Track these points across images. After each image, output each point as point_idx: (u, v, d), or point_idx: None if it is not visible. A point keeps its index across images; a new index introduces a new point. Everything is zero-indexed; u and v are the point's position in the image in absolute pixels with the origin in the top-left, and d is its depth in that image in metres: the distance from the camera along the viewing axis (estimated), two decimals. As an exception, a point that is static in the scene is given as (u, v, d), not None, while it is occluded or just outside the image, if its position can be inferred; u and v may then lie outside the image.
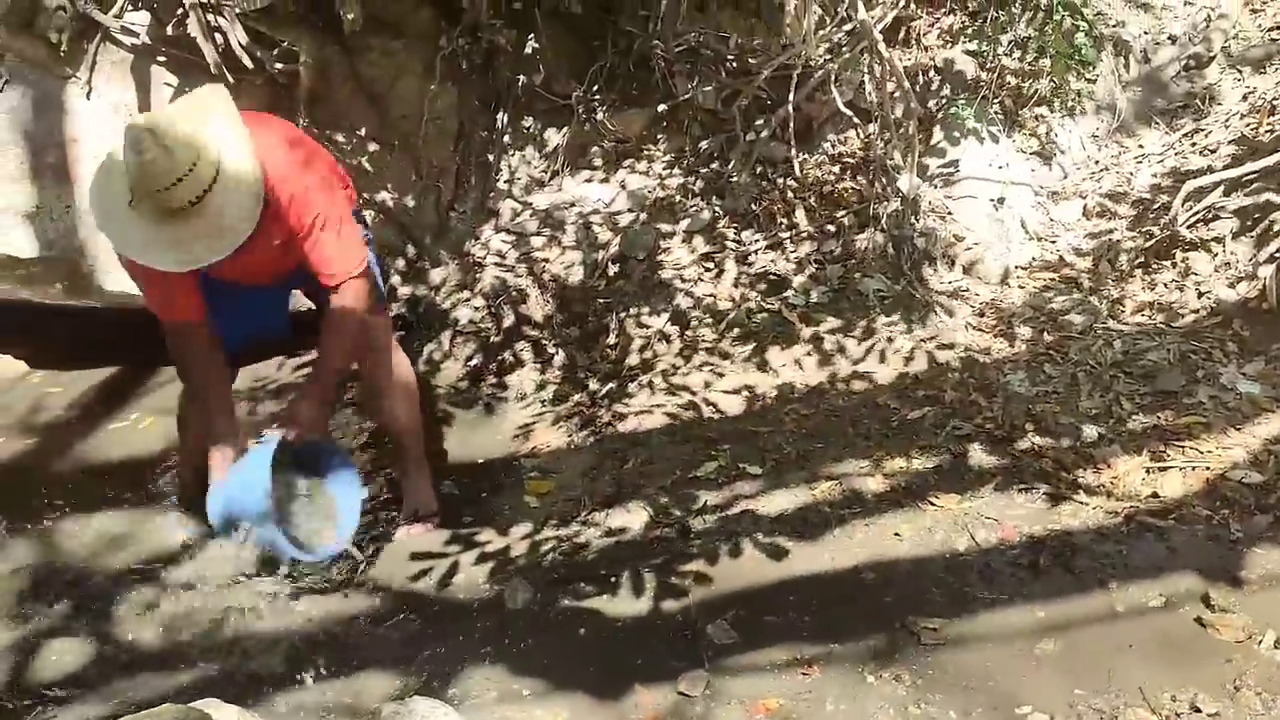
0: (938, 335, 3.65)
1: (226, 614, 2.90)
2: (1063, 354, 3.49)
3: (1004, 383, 3.40)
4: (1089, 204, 4.16)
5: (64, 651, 2.80)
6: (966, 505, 2.94)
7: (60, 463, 3.84)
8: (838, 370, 3.58)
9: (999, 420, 3.25)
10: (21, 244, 3.95)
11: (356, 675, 2.63)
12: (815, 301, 3.85)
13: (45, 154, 4.02)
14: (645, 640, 2.60)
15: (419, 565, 3.03)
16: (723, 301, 3.94)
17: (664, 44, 4.55)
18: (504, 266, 4.37)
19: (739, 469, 3.23)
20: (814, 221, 4.15)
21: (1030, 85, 4.31)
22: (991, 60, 4.33)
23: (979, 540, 2.81)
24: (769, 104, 4.48)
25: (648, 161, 4.63)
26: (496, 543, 3.09)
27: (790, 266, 4.00)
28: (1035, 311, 3.71)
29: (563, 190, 4.64)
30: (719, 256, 4.11)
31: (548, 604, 2.78)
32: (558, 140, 4.72)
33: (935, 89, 4.44)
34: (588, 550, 3.00)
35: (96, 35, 4.10)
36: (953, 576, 2.70)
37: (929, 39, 4.54)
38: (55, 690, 2.66)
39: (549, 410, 3.85)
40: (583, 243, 4.36)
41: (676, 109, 4.61)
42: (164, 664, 2.72)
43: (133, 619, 2.91)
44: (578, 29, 4.79)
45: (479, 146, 4.74)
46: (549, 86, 4.72)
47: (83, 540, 3.28)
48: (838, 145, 4.41)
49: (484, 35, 4.58)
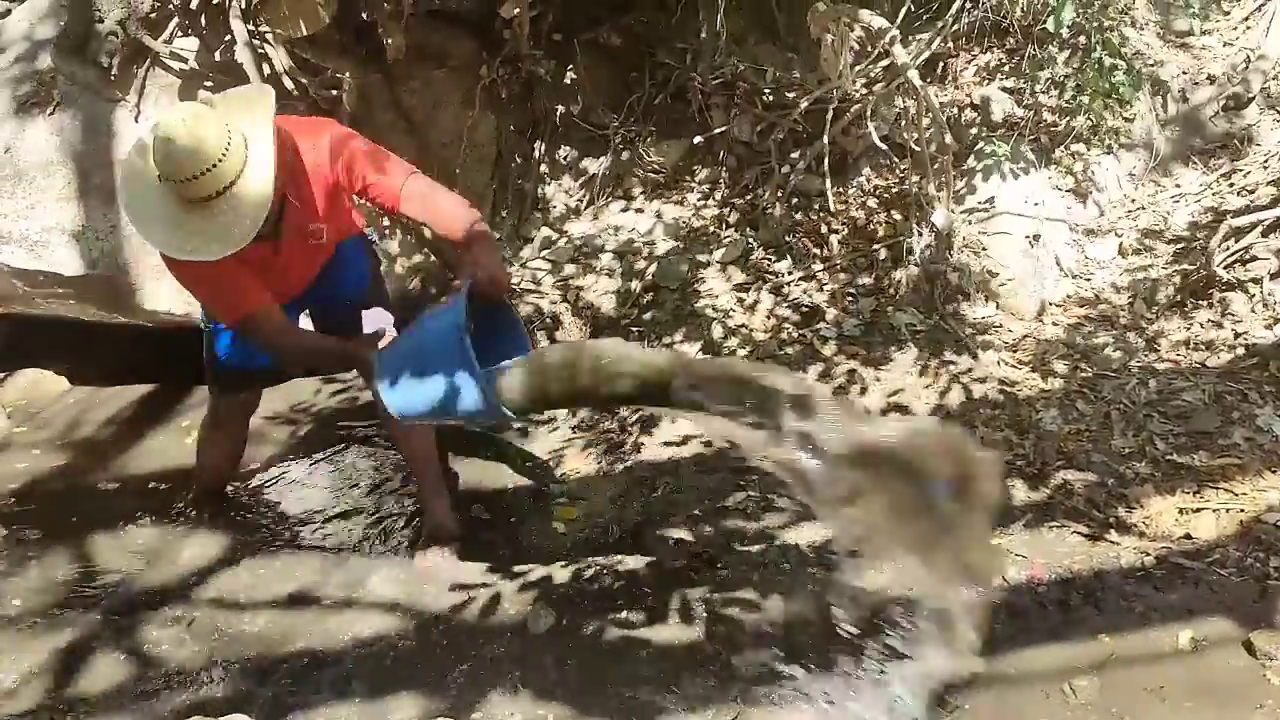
0: (971, 369, 3.63)
1: (255, 630, 2.93)
2: (1096, 392, 3.47)
3: (1036, 419, 3.38)
4: (1125, 242, 4.14)
5: (96, 662, 2.84)
6: (996, 541, 2.92)
7: (97, 477, 3.89)
8: (870, 403, 3.57)
9: (1031, 457, 3.23)
10: (66, 262, 4.04)
11: (382, 696, 2.64)
12: (848, 334, 3.85)
13: (93, 175, 4.11)
14: (673, 670, 2.60)
15: (445, 588, 3.04)
16: (756, 332, 3.95)
17: (701, 77, 4.60)
18: (538, 293, 4.41)
19: (768, 500, 3.23)
20: (847, 254, 4.16)
21: (1067, 123, 4.31)
22: (1028, 97, 4.34)
23: (1008, 577, 2.79)
24: (804, 137, 4.51)
25: (683, 192, 4.67)
26: (523, 567, 3.10)
27: (823, 298, 4.01)
28: (1069, 348, 3.69)
29: (598, 219, 4.69)
30: (753, 287, 4.13)
31: (574, 630, 2.78)
32: (594, 169, 4.78)
33: (971, 125, 4.44)
34: (615, 577, 3.00)
35: (146, 60, 4.20)
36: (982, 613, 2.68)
37: (966, 75, 4.55)
38: (87, 700, 2.70)
39: (579, 436, 3.86)
40: (617, 271, 4.39)
41: (712, 141, 4.65)
42: (194, 678, 2.75)
43: (164, 633, 2.95)
44: (616, 60, 4.85)
45: (516, 174, 4.80)
46: (587, 116, 4.78)
47: (118, 553, 3.33)
48: (872, 179, 4.42)
49: (524, 65, 4.65)
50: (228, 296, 2.69)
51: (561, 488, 3.55)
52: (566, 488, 3.55)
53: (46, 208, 4.05)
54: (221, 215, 2.41)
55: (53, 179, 4.09)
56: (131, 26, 4.06)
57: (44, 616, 3.05)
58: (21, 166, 4.07)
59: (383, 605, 3.02)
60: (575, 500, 3.45)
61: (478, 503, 3.49)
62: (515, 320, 2.56)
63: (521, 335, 2.53)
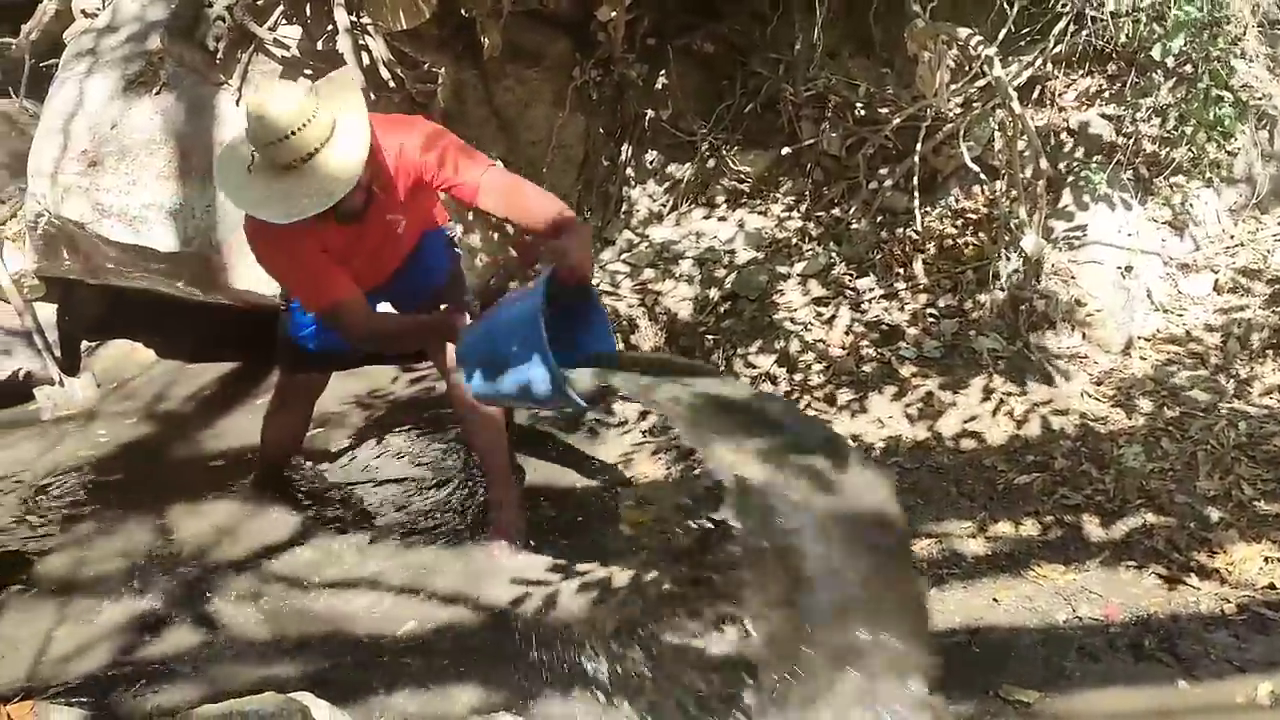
0: (1052, 400, 3.56)
1: (321, 610, 2.99)
2: (1183, 431, 3.37)
3: (1118, 455, 3.29)
4: (1221, 279, 4.02)
5: (169, 630, 2.93)
6: (1070, 577, 2.86)
7: (178, 450, 4.01)
8: (945, 427, 3.51)
9: (1110, 493, 3.15)
10: (162, 238, 4.16)
11: (444, 687, 2.67)
12: (927, 355, 3.80)
13: (192, 155, 4.23)
14: (732, 685, 2.59)
15: (508, 581, 3.06)
16: (833, 348, 3.92)
17: (793, 87, 4.57)
18: (617, 295, 4.42)
19: (838, 519, 3.19)
20: (931, 275, 4.10)
21: (1167, 153, 4.20)
22: (1128, 125, 4.24)
23: (1081, 615, 2.73)
24: (894, 153, 4.46)
25: (767, 203, 4.65)
26: (589, 568, 3.11)
27: (904, 318, 3.96)
28: (1156, 384, 3.59)
29: (680, 225, 4.69)
30: (832, 302, 4.09)
31: (635, 634, 2.78)
32: (679, 175, 4.78)
33: (1067, 150, 4.35)
34: (679, 586, 2.99)
35: (250, 46, 4.31)
36: (1050, 649, 2.63)
37: (1064, 99, 4.46)
38: (158, 666, 2.77)
39: (650, 440, 3.87)
40: (696, 278, 4.38)
41: (800, 153, 4.62)
42: (261, 655, 2.81)
43: (235, 607, 3.02)
44: (708, 68, 4.85)
45: (601, 176, 4.83)
46: (675, 122, 4.79)
47: (193, 525, 3.42)
48: (961, 200, 4.36)
49: (616, 68, 4.68)
50: (313, 284, 2.76)
51: (630, 491, 3.56)
52: (636, 491, 3.55)
53: (147, 185, 4.17)
54: (297, 183, 2.50)
55: (154, 157, 4.21)
56: (238, 12, 4.17)
57: (121, 582, 3.15)
58: (126, 144, 4.20)
59: (446, 595, 3.06)
60: (644, 505, 3.45)
61: (545, 499, 3.51)
62: (600, 312, 2.59)
63: (605, 327, 2.57)
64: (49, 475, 3.85)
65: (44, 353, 4.45)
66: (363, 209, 2.71)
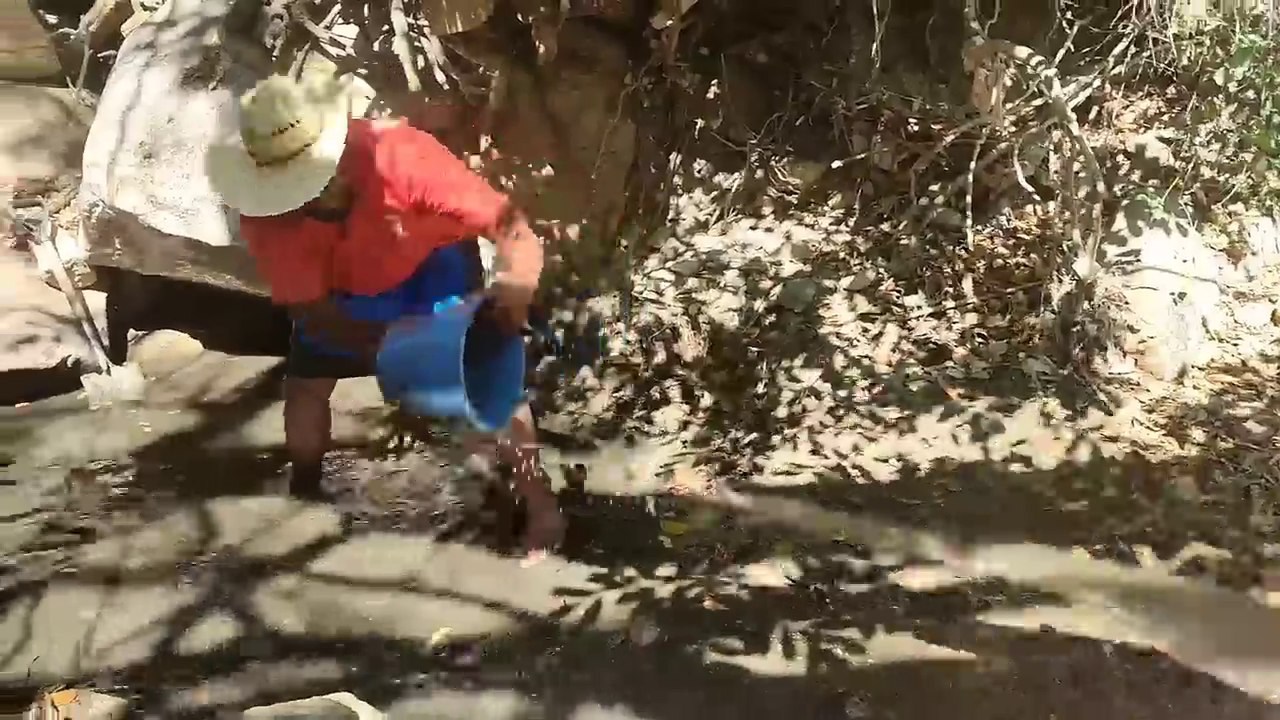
0: (1102, 427, 3.50)
1: (359, 610, 2.99)
2: (1236, 464, 3.32)
3: (1169, 485, 3.24)
4: (1279, 309, 3.95)
5: (207, 624, 2.93)
6: (1118, 610, 2.81)
7: (222, 442, 4.02)
8: (993, 450, 3.47)
9: (1160, 524, 3.10)
10: (211, 232, 4.19)
11: (481, 691, 2.66)
12: (975, 376, 3.76)
13: (246, 151, 4.24)
14: (776, 700, 2.57)
15: (547, 590, 3.05)
16: (879, 364, 3.88)
17: (846, 100, 4.54)
18: (660, 304, 4.41)
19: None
20: (981, 294, 4.06)
21: (1226, 180, 4.14)
22: (1187, 149, 4.18)
23: (1129, 647, 2.68)
24: (946, 170, 4.42)
25: (816, 215, 4.62)
26: (628, 578, 3.10)
27: (952, 337, 3.92)
28: (1210, 415, 3.53)
29: (727, 235, 4.66)
30: (879, 318, 4.05)
31: (677, 647, 2.76)
32: (727, 185, 4.76)
33: (1123, 173, 4.30)
34: (719, 599, 2.97)
35: (306, 44, 4.33)
36: (1098, 680, 2.59)
37: (1121, 120, 4.41)
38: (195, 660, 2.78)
39: (690, 452, 3.85)
40: (741, 289, 4.36)
41: (851, 166, 4.59)
42: (301, 653, 2.81)
43: (275, 603, 3.02)
44: (761, 78, 4.83)
45: (650, 184, 4.81)
46: (725, 132, 4.77)
47: (234, 519, 3.43)
48: (1013, 219, 4.31)
49: (668, 76, 4.67)
50: (278, 278, 2.88)
51: (670, 502, 3.54)
52: (675, 502, 3.53)
53: (200, 179, 4.20)
54: (273, 179, 2.57)
55: (208, 151, 4.24)
56: (296, 10, 4.20)
57: (163, 574, 3.16)
58: (181, 137, 4.23)
59: (483, 601, 3.05)
60: (683, 516, 3.44)
61: (584, 508, 3.50)
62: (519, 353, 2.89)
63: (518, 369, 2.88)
64: (94, 463, 3.88)
65: (92, 341, 4.49)
66: (342, 210, 2.77)
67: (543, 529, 3.28)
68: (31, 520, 3.43)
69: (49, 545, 3.29)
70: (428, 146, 2.84)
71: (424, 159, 2.79)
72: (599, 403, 4.22)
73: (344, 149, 2.59)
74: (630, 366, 4.30)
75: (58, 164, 4.91)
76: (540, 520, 3.29)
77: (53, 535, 3.35)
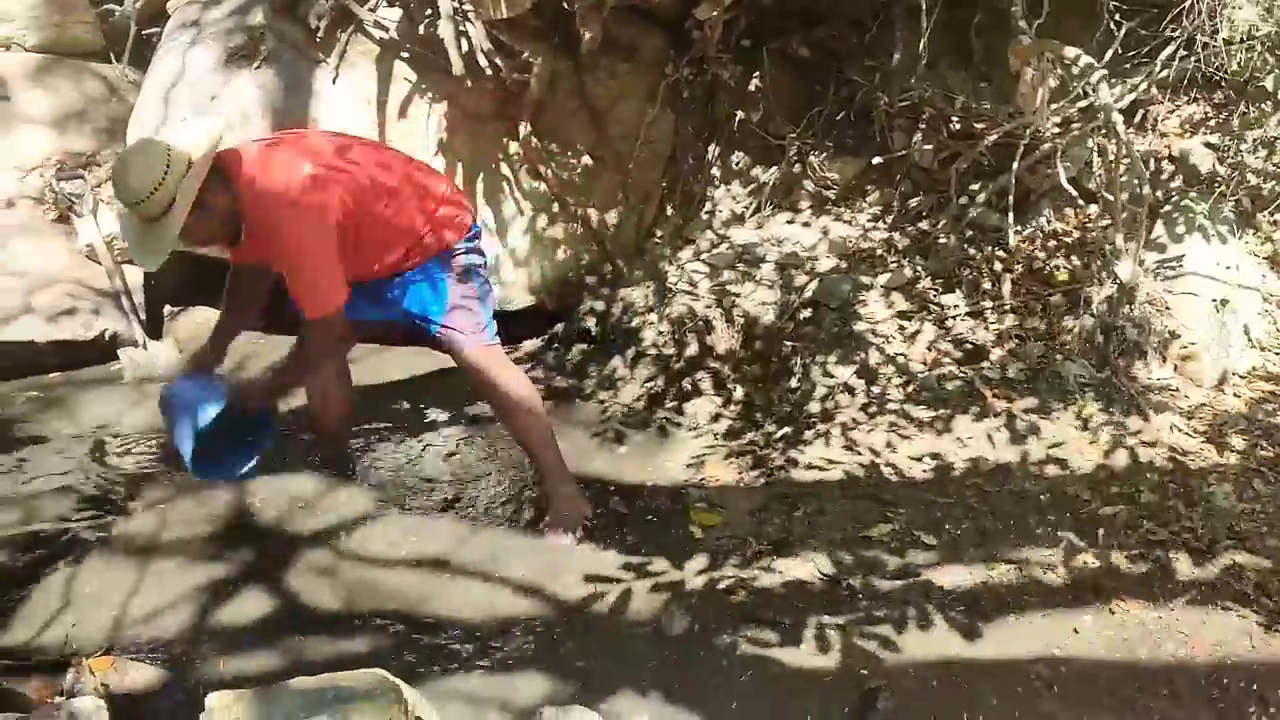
0: (1141, 432, 3.47)
1: (393, 590, 3.00)
2: (1276, 473, 3.28)
3: (1208, 492, 3.21)
4: (1322, 319, 3.92)
5: (242, 599, 2.95)
6: (1155, 615, 2.78)
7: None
8: (1029, 452, 3.44)
9: (1198, 531, 3.07)
10: (253, 210, 4.19)
11: (511, 673, 2.67)
12: (1011, 377, 3.72)
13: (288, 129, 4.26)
14: (806, 693, 2.56)
15: (579, 576, 3.06)
16: (914, 363, 3.86)
17: (888, 96, 4.52)
18: (694, 295, 4.40)
19: (914, 536, 3.14)
20: (1019, 296, 4.03)
21: (1272, 187, 4.09)
22: (1233, 156, 4.13)
23: (1166, 654, 2.66)
24: (987, 170, 4.39)
25: (853, 211, 4.60)
26: (659, 567, 3.10)
27: (989, 337, 3.89)
28: (1251, 423, 3.50)
29: (763, 228, 4.65)
30: (916, 316, 4.03)
31: (708, 637, 2.76)
32: (765, 178, 4.75)
33: (1165, 178, 4.26)
34: (750, 592, 2.96)
35: (350, 26, 4.36)
36: (1132, 686, 2.57)
37: (1168, 125, 4.36)
38: (228, 634, 2.80)
39: (721, 444, 3.84)
40: (777, 283, 4.34)
41: (890, 163, 4.57)
42: (333, 629, 2.83)
43: (309, 579, 3.04)
44: (802, 73, 4.81)
45: (687, 175, 4.81)
46: (765, 125, 4.76)
47: (268, 496, 3.44)
48: (1054, 221, 4.28)
49: (709, 68, 4.66)
50: None
51: (701, 492, 3.54)
52: (706, 493, 3.53)
53: (240, 156, 4.22)
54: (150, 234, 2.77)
55: (249, 129, 4.27)
56: (342, -9, 4.21)
57: (198, 547, 3.19)
58: (225, 114, 4.25)
59: (515, 584, 3.06)
60: (714, 507, 3.43)
61: (616, 496, 3.50)
62: (259, 439, 3.19)
63: (255, 447, 3.18)
64: (127, 436, 3.92)
65: (130, 315, 4.53)
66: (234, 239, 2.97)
67: (562, 512, 3.29)
68: (68, 490, 3.46)
69: (85, 515, 3.32)
70: (299, 222, 2.83)
71: (287, 227, 2.82)
72: (630, 392, 4.22)
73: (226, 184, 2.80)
74: (662, 358, 4.30)
75: (100, 139, 4.96)
76: (560, 504, 3.30)
77: (88, 506, 3.38)
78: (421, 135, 4.38)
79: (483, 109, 4.42)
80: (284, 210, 2.80)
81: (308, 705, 1.75)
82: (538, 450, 3.32)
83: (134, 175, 2.68)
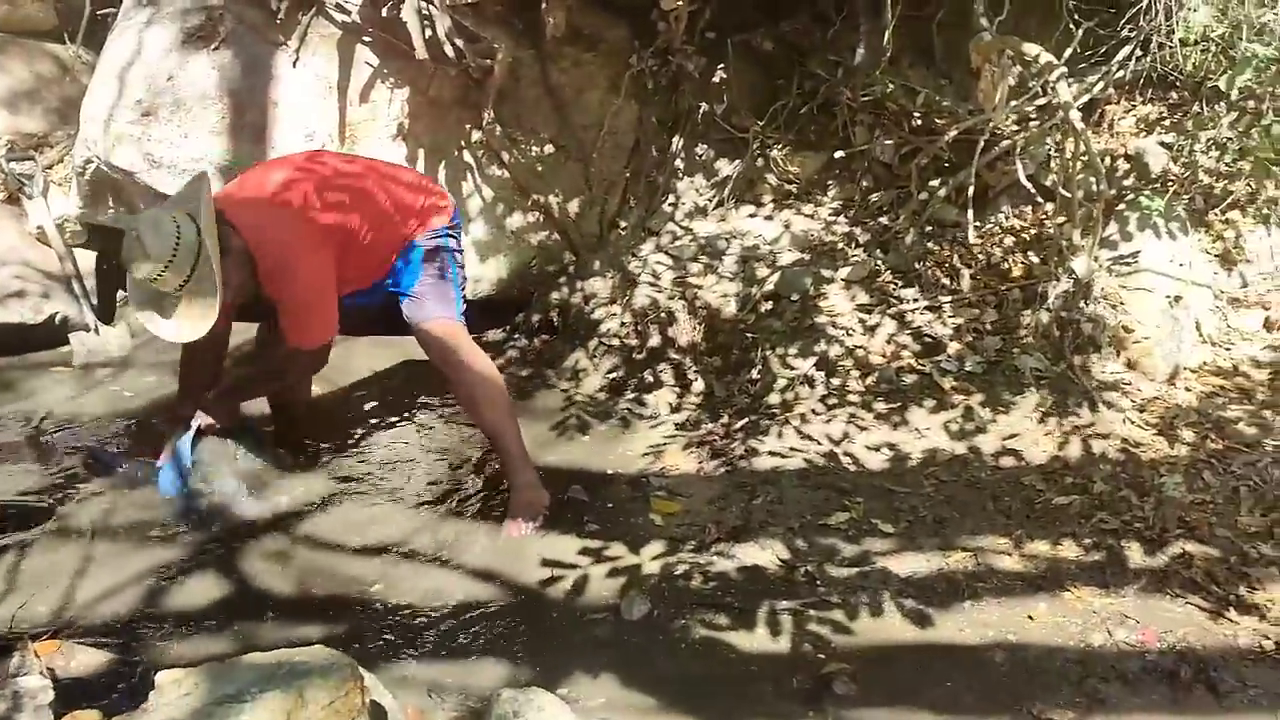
0: (1094, 424, 3.52)
1: (347, 575, 2.97)
2: (1225, 465, 3.33)
3: (1159, 483, 3.26)
4: (1272, 316, 3.98)
5: (193, 582, 2.91)
6: (1106, 601, 2.82)
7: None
8: (984, 443, 3.48)
9: (1149, 521, 3.11)
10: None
11: (468, 658, 2.65)
12: (969, 370, 3.76)
13: (246, 113, 4.23)
14: (763, 677, 2.56)
15: (535, 562, 3.05)
16: (874, 355, 3.89)
17: (850, 91, 4.55)
18: (657, 287, 4.40)
19: (871, 524, 3.16)
20: (977, 290, 4.07)
21: (1224, 187, 4.16)
22: (1186, 155, 4.20)
23: (1117, 639, 2.69)
24: (947, 166, 4.43)
25: (815, 205, 4.63)
26: (618, 553, 3.09)
27: (947, 331, 3.93)
28: (1201, 416, 3.55)
29: (725, 221, 4.66)
30: (876, 310, 4.06)
31: (666, 622, 2.76)
32: (728, 171, 4.75)
33: (1121, 176, 4.32)
34: (707, 578, 2.97)
35: (311, 9, 4.31)
36: (1085, 671, 2.59)
37: (1123, 124, 4.43)
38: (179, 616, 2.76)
39: (681, 434, 3.84)
40: (738, 275, 4.35)
41: (852, 158, 4.60)
42: (286, 613, 2.79)
43: (261, 564, 3.00)
44: (766, 66, 4.83)
45: (650, 166, 4.80)
46: (728, 117, 4.77)
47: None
48: (1012, 217, 4.33)
49: (674, 59, 4.66)
50: None
51: (661, 481, 3.53)
52: (666, 482, 3.52)
53: (199, 138, 4.17)
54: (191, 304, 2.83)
55: (208, 112, 4.22)
56: (303, -28, 4.16)
57: (146, 530, 3.14)
58: (181, 96, 4.20)
59: (471, 570, 3.04)
60: (674, 496, 3.43)
61: (576, 484, 3.49)
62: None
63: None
64: (77, 420, 3.85)
65: (81, 299, 4.45)
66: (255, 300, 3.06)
67: (522, 501, 3.27)
68: (14, 474, 3.39)
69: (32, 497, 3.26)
70: (291, 269, 2.95)
71: (279, 273, 2.94)
72: (592, 383, 4.21)
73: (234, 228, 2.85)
74: (624, 348, 4.29)
75: (52, 120, 4.88)
76: (519, 493, 3.28)
77: (35, 489, 3.32)
78: (383, 121, 4.34)
79: (445, 95, 4.39)
80: (288, 251, 2.91)
81: (260, 679, 1.72)
82: (499, 436, 3.30)
83: (149, 239, 2.70)
